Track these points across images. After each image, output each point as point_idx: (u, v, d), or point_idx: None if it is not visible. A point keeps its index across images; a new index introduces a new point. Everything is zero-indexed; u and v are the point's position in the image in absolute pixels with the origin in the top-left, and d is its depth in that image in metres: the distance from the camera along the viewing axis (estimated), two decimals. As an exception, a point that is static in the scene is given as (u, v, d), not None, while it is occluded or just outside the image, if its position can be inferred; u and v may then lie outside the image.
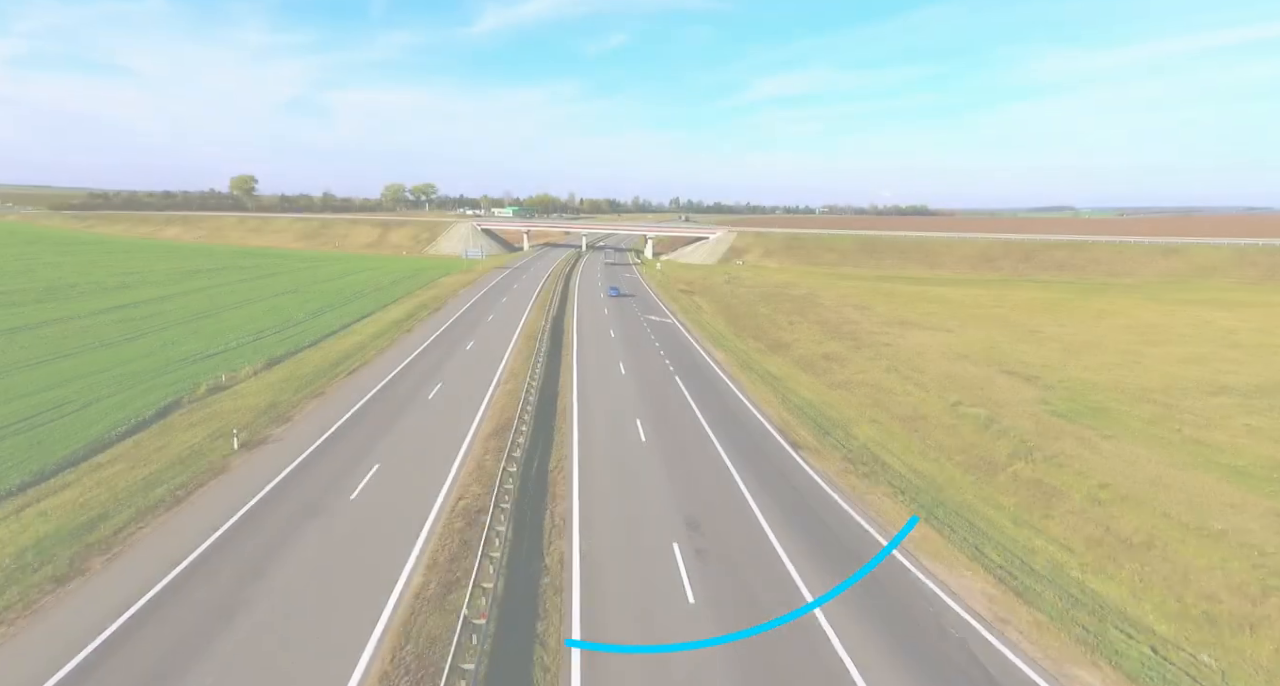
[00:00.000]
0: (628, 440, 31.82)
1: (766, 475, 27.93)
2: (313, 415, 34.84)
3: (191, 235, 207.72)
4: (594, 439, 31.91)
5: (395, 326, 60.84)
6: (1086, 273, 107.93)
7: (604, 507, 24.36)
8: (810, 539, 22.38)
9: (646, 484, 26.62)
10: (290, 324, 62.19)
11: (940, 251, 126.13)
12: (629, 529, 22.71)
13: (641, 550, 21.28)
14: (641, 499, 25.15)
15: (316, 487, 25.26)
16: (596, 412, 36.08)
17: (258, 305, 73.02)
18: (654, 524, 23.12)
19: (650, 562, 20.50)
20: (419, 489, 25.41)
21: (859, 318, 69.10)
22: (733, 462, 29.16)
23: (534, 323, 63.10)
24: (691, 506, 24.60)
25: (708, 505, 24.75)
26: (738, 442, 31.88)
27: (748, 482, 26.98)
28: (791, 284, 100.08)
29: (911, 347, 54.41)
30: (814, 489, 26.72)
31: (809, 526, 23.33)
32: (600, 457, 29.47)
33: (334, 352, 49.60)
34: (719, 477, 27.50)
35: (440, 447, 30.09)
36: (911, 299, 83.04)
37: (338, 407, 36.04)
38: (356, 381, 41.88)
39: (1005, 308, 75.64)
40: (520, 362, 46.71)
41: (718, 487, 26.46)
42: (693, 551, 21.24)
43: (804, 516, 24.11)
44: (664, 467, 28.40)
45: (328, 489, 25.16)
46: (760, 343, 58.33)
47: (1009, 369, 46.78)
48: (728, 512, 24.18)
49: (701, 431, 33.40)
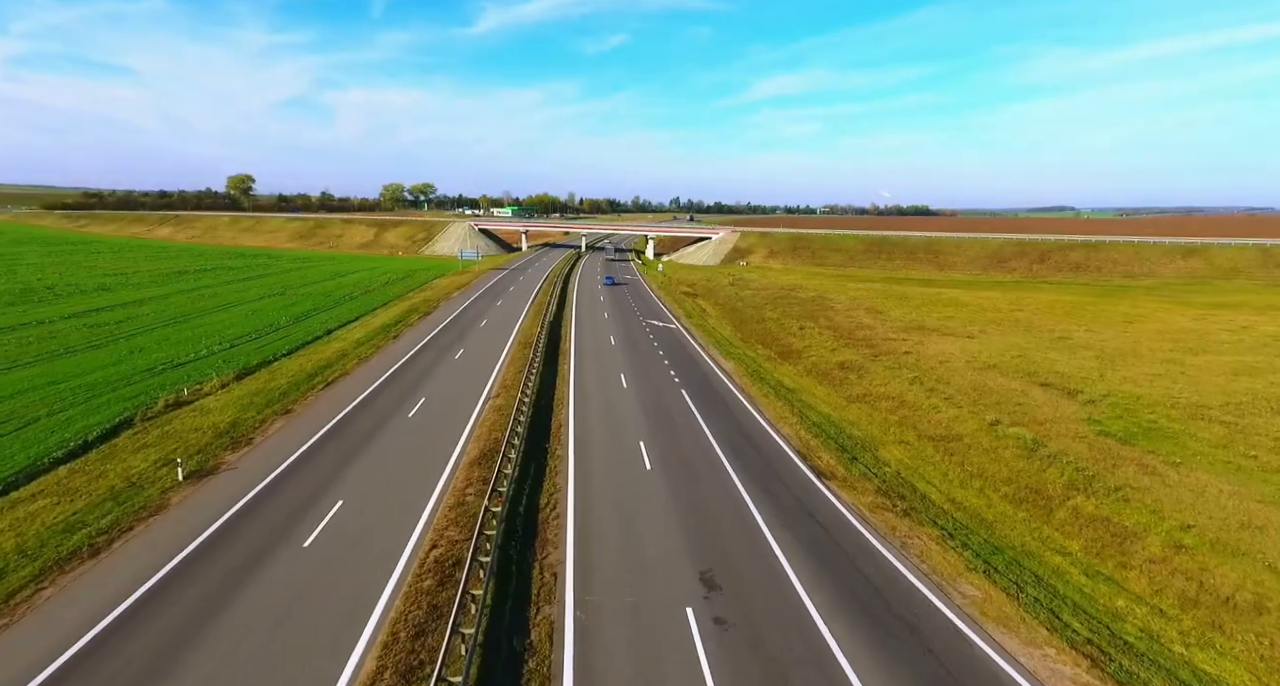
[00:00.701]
0: (631, 468, 28.06)
1: (791, 513, 24.16)
2: (277, 437, 31.09)
3: (184, 235, 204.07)
4: (592, 467, 28.15)
5: (382, 332, 57.09)
6: (1103, 274, 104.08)
7: (603, 558, 20.60)
8: (851, 601, 18.60)
9: (653, 526, 22.84)
10: (271, 329, 58.46)
11: (950, 252, 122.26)
12: (633, 589, 18.94)
13: (648, 619, 17.52)
14: (647, 546, 21.38)
15: (263, 533, 21.48)
16: (595, 433, 32.34)
17: (240, 309, 69.27)
18: (663, 581, 19.35)
19: (659, 638, 16.75)
20: (386, 533, 21.64)
21: (873, 322, 65.32)
22: (751, 497, 25.37)
23: (529, 328, 59.37)
24: (707, 556, 20.83)
25: (725, 555, 20.98)
26: (755, 470, 28.11)
27: (770, 523, 23.20)
28: (799, 286, 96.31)
29: (933, 356, 50.65)
30: (847, 530, 22.95)
31: (847, 583, 19.56)
32: (599, 491, 25.70)
33: (312, 362, 45.86)
34: (737, 517, 23.72)
35: (416, 478, 26.35)
36: (926, 302, 79.25)
37: (306, 428, 32.29)
38: (332, 396, 38.14)
39: (1026, 311, 71.84)
40: (513, 374, 42.97)
41: (736, 530, 22.69)
42: (710, 620, 17.48)
43: (840, 569, 20.34)
44: (673, 504, 24.62)
45: (276, 535, 21.39)
46: (770, 350, 54.59)
47: (1043, 380, 43.00)
48: (749, 565, 20.40)
49: (714, 456, 29.65)
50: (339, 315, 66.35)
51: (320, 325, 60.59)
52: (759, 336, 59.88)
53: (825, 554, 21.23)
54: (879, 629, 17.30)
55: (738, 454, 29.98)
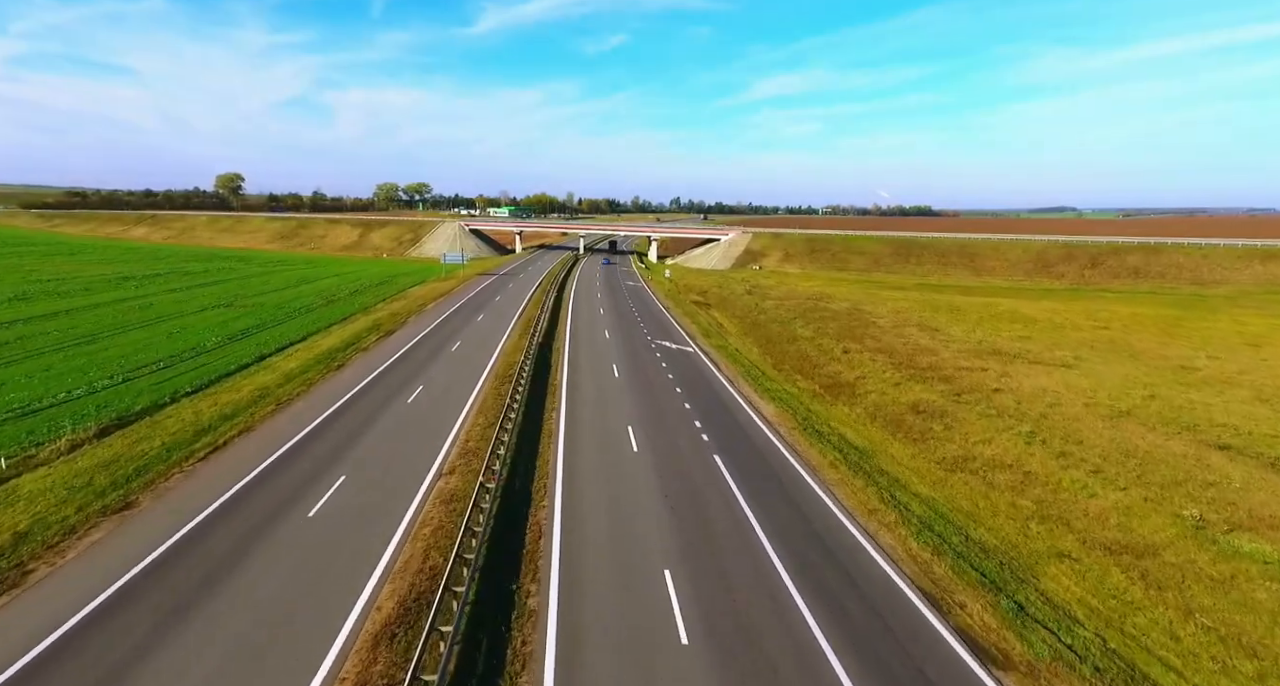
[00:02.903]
0: (653, 636, 16.41)
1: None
2: (78, 567, 19.42)
3: (159, 236, 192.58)
4: (589, 655, 16.49)
5: (325, 360, 45.40)
6: (1168, 280, 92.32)
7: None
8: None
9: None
10: (190, 354, 46.86)
11: (987, 255, 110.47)
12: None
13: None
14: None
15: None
16: (594, 547, 20.70)
17: (168, 325, 57.66)
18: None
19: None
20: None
21: (933, 344, 53.68)
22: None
23: (512, 354, 47.71)
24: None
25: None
26: (867, 648, 16.47)
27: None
28: (825, 295, 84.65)
29: (1033, 394, 39.05)
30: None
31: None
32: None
33: (216, 408, 34.27)
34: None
35: (282, 663, 14.72)
36: (986, 316, 67.49)
37: (135, 543, 20.61)
38: (212, 471, 26.49)
39: (1114, 329, 60.09)
40: (481, 427, 31.39)
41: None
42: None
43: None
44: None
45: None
46: (813, 381, 43.06)
47: (1213, 438, 31.40)
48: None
49: (789, 609, 17.99)
50: (284, 334, 54.72)
51: (254, 348, 48.96)
52: (795, 362, 48.35)
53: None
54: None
55: (827, 600, 18.33)
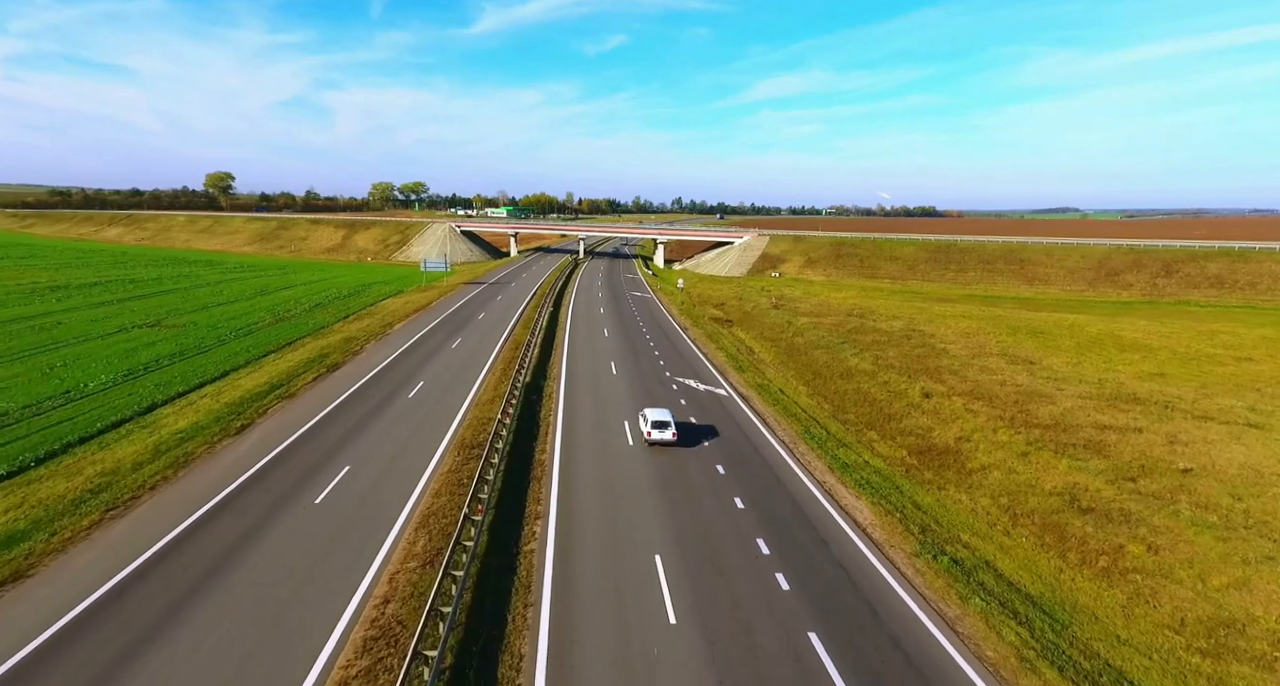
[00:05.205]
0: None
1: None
2: None
3: (133, 237, 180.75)
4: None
5: (231, 414, 33.35)
6: (1260, 291, 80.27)
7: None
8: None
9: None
10: (58, 402, 35.01)
11: (1039, 261, 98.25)
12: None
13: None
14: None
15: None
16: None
17: (61, 353, 45.76)
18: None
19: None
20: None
21: (1036, 384, 41.60)
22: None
23: (488, 404, 35.67)
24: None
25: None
26: None
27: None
28: (866, 309, 72.59)
29: (1242, 477, 27.11)
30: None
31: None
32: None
33: (34, 502, 22.31)
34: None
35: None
36: (1080, 341, 55.27)
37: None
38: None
39: (1257, 360, 47.85)
40: (431, 533, 19.45)
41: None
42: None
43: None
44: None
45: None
46: (894, 443, 31.34)
47: None
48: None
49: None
50: (202, 368, 42.73)
51: (149, 392, 37.02)
52: (859, 409, 36.53)
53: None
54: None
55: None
